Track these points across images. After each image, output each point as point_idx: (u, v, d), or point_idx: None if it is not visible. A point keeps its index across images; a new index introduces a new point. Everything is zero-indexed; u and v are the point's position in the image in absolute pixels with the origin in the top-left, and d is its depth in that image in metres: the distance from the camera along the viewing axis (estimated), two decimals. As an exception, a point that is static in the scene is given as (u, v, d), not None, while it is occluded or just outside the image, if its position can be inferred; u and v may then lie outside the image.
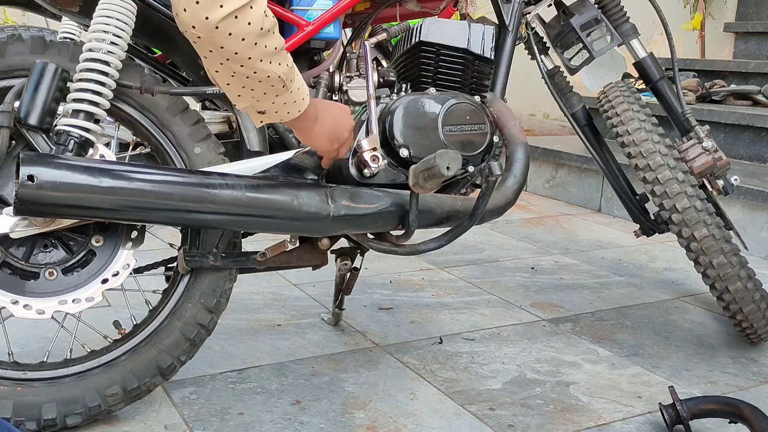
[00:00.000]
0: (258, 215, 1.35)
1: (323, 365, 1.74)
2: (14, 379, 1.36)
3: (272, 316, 2.03)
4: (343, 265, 1.77)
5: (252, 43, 1.10)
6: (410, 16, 1.83)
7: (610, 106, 1.90)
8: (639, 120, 1.81)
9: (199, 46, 1.10)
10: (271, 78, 1.17)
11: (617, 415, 1.57)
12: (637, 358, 1.86)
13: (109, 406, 1.41)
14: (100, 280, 1.40)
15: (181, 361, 1.47)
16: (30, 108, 1.29)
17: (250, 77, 1.15)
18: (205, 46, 1.10)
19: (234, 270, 1.50)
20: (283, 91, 1.20)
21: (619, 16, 1.90)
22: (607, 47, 1.85)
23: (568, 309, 2.19)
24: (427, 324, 2.02)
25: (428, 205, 1.52)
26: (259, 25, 1.10)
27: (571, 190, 3.72)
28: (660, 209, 1.79)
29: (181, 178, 1.30)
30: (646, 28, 1.53)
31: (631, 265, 2.68)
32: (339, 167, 1.52)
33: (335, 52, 1.63)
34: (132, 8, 1.38)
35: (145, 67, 1.54)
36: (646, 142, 1.77)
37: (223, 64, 1.13)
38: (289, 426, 1.47)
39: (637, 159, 1.79)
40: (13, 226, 1.31)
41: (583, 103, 2.03)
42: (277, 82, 1.18)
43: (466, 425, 1.51)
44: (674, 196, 1.74)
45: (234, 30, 1.08)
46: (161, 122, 1.42)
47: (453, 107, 1.55)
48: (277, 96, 1.21)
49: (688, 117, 1.91)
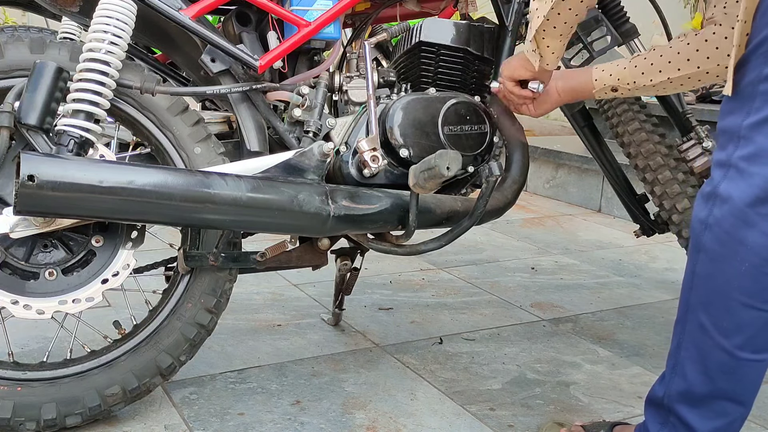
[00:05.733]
0: (258, 215, 1.35)
1: (323, 365, 1.74)
2: (14, 379, 1.36)
3: (272, 316, 2.03)
4: (343, 265, 1.77)
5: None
6: (410, 16, 1.83)
7: (610, 106, 1.90)
8: (639, 120, 1.81)
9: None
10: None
11: (617, 416, 1.57)
12: (638, 358, 1.86)
13: (109, 406, 1.41)
14: (100, 280, 1.40)
15: (181, 361, 1.47)
16: (30, 108, 1.29)
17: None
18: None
19: (234, 270, 1.50)
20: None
21: (619, 16, 1.90)
22: (607, 47, 1.85)
23: (568, 309, 2.19)
24: (427, 324, 2.02)
25: (428, 205, 1.52)
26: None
27: (571, 190, 3.72)
28: (660, 209, 1.78)
29: (181, 178, 1.30)
30: (646, 28, 1.53)
31: (631, 265, 2.68)
32: (339, 167, 1.52)
33: (335, 52, 1.63)
34: (132, 8, 1.38)
35: (145, 67, 1.54)
36: (647, 143, 1.77)
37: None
38: (289, 426, 1.47)
39: (637, 159, 1.79)
40: (13, 226, 1.31)
41: (583, 103, 2.03)
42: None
43: (466, 425, 1.51)
44: (674, 196, 1.74)
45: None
46: (161, 122, 1.42)
47: (453, 107, 1.55)
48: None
49: (688, 117, 1.91)
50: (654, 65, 1.32)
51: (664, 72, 1.32)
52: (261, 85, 1.49)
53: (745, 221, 1.06)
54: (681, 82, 1.32)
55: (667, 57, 1.31)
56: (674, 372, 1.19)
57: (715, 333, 1.12)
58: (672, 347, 1.20)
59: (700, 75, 1.30)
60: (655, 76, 1.33)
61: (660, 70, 1.32)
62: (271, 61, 1.47)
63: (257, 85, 1.49)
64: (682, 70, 1.30)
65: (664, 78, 1.32)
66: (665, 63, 1.31)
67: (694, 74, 1.30)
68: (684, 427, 1.19)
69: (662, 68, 1.32)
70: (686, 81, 1.32)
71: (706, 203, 1.11)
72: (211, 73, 1.49)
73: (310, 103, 1.51)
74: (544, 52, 1.39)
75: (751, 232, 1.06)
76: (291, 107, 1.51)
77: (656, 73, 1.33)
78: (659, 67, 1.32)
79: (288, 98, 1.51)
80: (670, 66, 1.31)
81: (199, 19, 1.44)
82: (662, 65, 1.32)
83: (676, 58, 1.30)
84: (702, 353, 1.15)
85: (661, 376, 1.24)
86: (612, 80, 1.40)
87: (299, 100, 1.50)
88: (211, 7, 1.45)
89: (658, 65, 1.32)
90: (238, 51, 1.45)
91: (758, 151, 1.04)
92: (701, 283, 1.13)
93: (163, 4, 1.41)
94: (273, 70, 1.54)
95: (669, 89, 1.36)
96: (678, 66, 1.30)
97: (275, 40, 1.52)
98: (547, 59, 1.40)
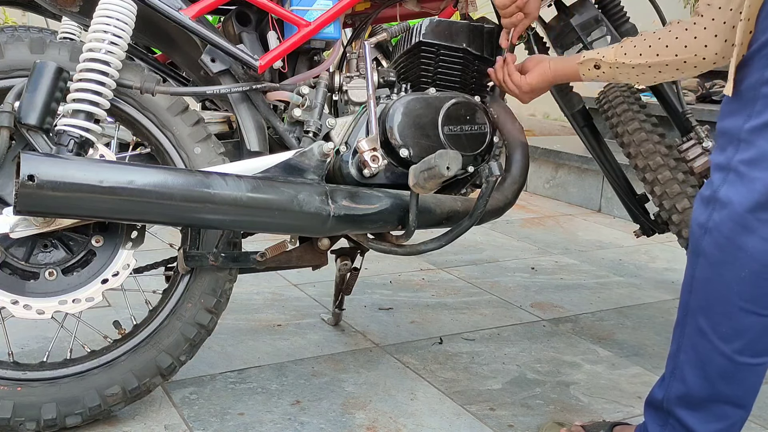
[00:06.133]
0: (258, 215, 1.35)
1: (323, 365, 1.74)
2: (14, 379, 1.36)
3: (272, 316, 2.03)
4: (343, 265, 1.77)
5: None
6: (410, 16, 1.83)
7: (610, 106, 1.90)
8: (639, 120, 1.81)
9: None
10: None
11: (617, 416, 1.57)
12: (638, 358, 1.86)
13: (109, 406, 1.41)
14: (100, 280, 1.40)
15: (181, 361, 1.47)
16: (30, 108, 1.29)
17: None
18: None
19: (234, 270, 1.50)
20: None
21: (619, 16, 1.89)
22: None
23: (568, 309, 2.19)
24: (427, 324, 2.02)
25: (428, 205, 1.52)
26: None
27: (571, 190, 3.72)
28: (660, 209, 1.78)
29: (182, 178, 1.30)
30: (646, 28, 1.53)
31: (631, 265, 2.68)
32: (339, 167, 1.52)
33: (335, 52, 1.63)
34: (132, 8, 1.38)
35: (145, 67, 1.54)
36: (646, 143, 1.77)
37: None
38: (289, 426, 1.47)
39: (637, 159, 1.79)
40: (13, 226, 1.31)
41: (583, 103, 2.03)
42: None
43: (466, 425, 1.51)
44: (674, 196, 1.74)
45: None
46: (161, 122, 1.42)
47: (453, 107, 1.55)
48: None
49: (688, 117, 1.90)
50: (636, 48, 1.33)
51: (644, 56, 1.32)
52: (261, 85, 1.49)
53: (745, 227, 1.05)
54: (659, 69, 1.31)
55: (648, 42, 1.31)
56: (673, 375, 1.19)
57: (715, 337, 1.12)
58: (671, 350, 1.20)
59: (678, 64, 1.28)
60: (635, 59, 1.33)
61: (640, 53, 1.32)
62: (271, 61, 1.47)
63: (257, 85, 1.49)
64: (660, 56, 1.29)
65: (643, 61, 1.32)
66: (646, 47, 1.31)
67: (672, 62, 1.28)
68: (684, 429, 1.19)
69: (642, 52, 1.32)
70: (664, 68, 1.30)
71: (706, 207, 1.11)
72: (211, 73, 1.49)
73: (310, 103, 1.51)
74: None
75: (751, 238, 1.05)
76: (291, 107, 1.51)
77: (636, 56, 1.33)
78: (640, 50, 1.32)
79: (288, 98, 1.51)
80: (650, 50, 1.31)
81: (199, 19, 1.44)
82: (643, 49, 1.32)
83: (656, 44, 1.30)
84: (701, 357, 1.14)
85: (660, 379, 1.23)
86: (595, 55, 1.40)
87: (299, 100, 1.50)
88: (211, 7, 1.45)
89: (640, 49, 1.32)
90: (238, 51, 1.45)
91: (759, 156, 1.04)
92: (700, 288, 1.13)
93: (163, 4, 1.41)
94: (273, 70, 1.54)
95: (648, 76, 1.35)
96: (657, 51, 1.29)
97: (275, 40, 1.52)
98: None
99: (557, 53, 1.92)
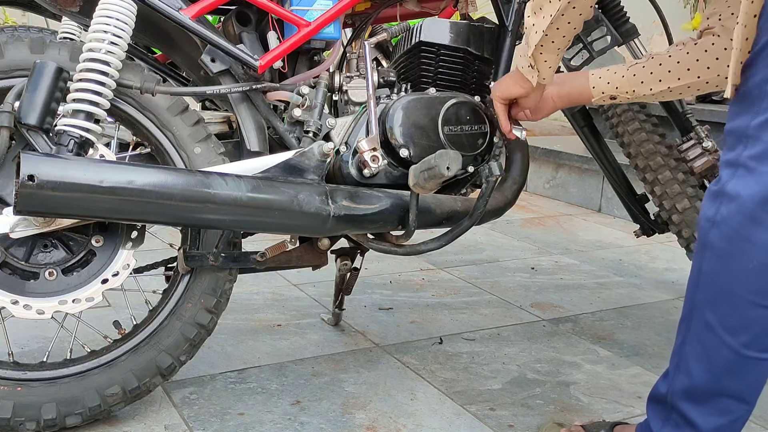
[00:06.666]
0: (258, 215, 1.35)
1: (323, 365, 1.74)
2: (14, 379, 1.36)
3: (272, 316, 2.03)
4: (343, 265, 1.77)
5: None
6: (410, 16, 1.83)
7: (610, 107, 1.90)
8: (639, 120, 1.81)
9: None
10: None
11: (617, 416, 1.57)
12: (638, 358, 1.86)
13: (109, 406, 1.41)
14: (100, 280, 1.40)
15: (181, 361, 1.47)
16: (30, 108, 1.29)
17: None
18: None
19: (234, 270, 1.50)
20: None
21: (619, 16, 1.90)
22: (607, 47, 1.85)
23: (568, 309, 2.19)
24: (427, 324, 2.02)
25: (428, 205, 1.52)
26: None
27: (571, 190, 3.72)
28: (660, 209, 1.79)
29: (181, 178, 1.30)
30: (646, 28, 1.53)
31: (631, 265, 2.68)
32: (339, 167, 1.52)
33: (335, 52, 1.63)
34: (132, 8, 1.38)
35: (145, 67, 1.54)
36: (647, 143, 1.78)
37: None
38: (289, 426, 1.47)
39: (637, 159, 1.79)
40: (13, 226, 1.31)
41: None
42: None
43: (466, 425, 1.51)
44: (674, 196, 1.74)
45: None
46: (161, 122, 1.42)
47: (453, 107, 1.55)
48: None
49: (688, 117, 1.91)
50: (654, 74, 1.33)
51: (665, 81, 1.32)
52: (261, 85, 1.49)
53: (753, 219, 1.06)
54: (680, 91, 1.33)
55: (666, 66, 1.31)
56: (678, 369, 1.19)
57: (721, 331, 1.12)
58: (676, 344, 1.20)
59: (700, 84, 1.30)
60: (655, 85, 1.33)
61: (660, 80, 1.33)
62: (271, 61, 1.47)
63: (257, 85, 1.49)
64: (683, 80, 1.30)
65: (664, 87, 1.33)
66: (665, 72, 1.32)
67: (694, 83, 1.30)
68: (687, 424, 1.19)
69: (662, 77, 1.32)
70: (685, 90, 1.32)
71: (714, 201, 1.11)
72: (211, 73, 1.49)
73: (310, 103, 1.51)
74: (541, 67, 1.37)
75: (760, 230, 1.06)
76: (291, 107, 1.51)
77: (656, 83, 1.33)
78: (659, 76, 1.33)
79: (288, 98, 1.51)
80: (670, 75, 1.31)
81: (199, 19, 1.44)
82: (662, 74, 1.32)
83: (676, 68, 1.30)
84: (707, 351, 1.14)
85: (664, 373, 1.24)
86: (610, 89, 1.39)
87: (299, 100, 1.50)
88: (211, 7, 1.45)
89: (658, 74, 1.32)
90: (238, 51, 1.45)
91: (767, 150, 1.04)
92: (707, 281, 1.13)
93: (163, 4, 1.41)
94: (273, 70, 1.54)
95: (668, 97, 1.37)
96: (678, 75, 1.30)
97: (275, 40, 1.52)
98: (543, 74, 1.39)
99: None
